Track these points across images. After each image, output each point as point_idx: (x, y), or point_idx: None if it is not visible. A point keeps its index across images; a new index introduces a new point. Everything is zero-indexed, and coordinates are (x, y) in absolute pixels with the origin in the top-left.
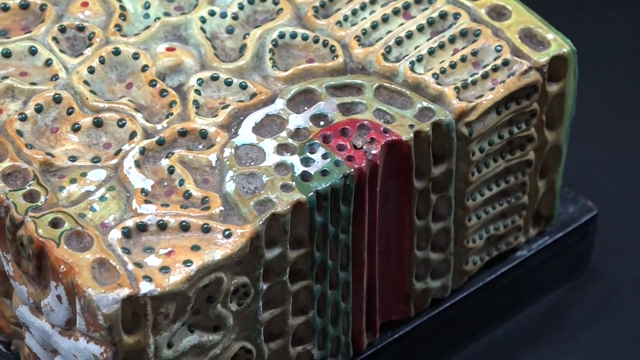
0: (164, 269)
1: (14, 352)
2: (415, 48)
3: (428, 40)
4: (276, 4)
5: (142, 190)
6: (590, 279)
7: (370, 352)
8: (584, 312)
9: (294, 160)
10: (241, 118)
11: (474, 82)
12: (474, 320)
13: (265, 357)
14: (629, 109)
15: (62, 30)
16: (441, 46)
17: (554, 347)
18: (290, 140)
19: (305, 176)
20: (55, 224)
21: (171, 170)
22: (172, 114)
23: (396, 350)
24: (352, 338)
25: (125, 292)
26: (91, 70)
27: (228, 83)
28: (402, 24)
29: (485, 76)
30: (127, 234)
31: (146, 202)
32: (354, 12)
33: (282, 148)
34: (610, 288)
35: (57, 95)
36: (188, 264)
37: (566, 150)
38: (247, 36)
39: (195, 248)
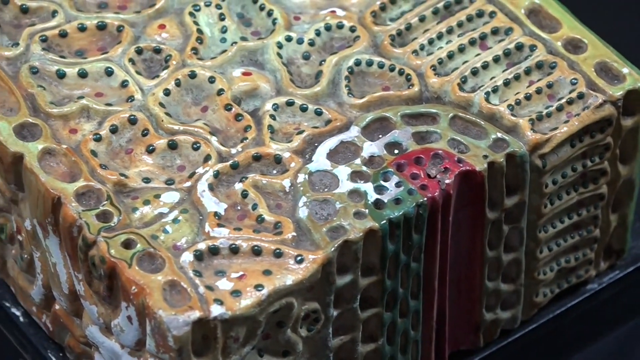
0: (235, 293)
1: None
2: (491, 79)
3: (504, 71)
4: (353, 31)
5: (215, 214)
6: None
7: None
8: None
9: (368, 187)
10: (316, 144)
11: (548, 115)
12: (543, 352)
13: None
14: None
15: (139, 51)
16: (517, 78)
17: None
18: (364, 168)
19: (378, 204)
20: (127, 244)
21: (245, 194)
22: (246, 138)
23: None
24: None
25: (196, 314)
26: (167, 93)
27: (303, 109)
28: (478, 55)
29: (560, 109)
30: (199, 256)
31: (219, 225)
32: (431, 42)
33: (355, 175)
34: None
35: (133, 117)
36: (259, 289)
37: (639, 185)
38: (323, 62)
39: (267, 273)
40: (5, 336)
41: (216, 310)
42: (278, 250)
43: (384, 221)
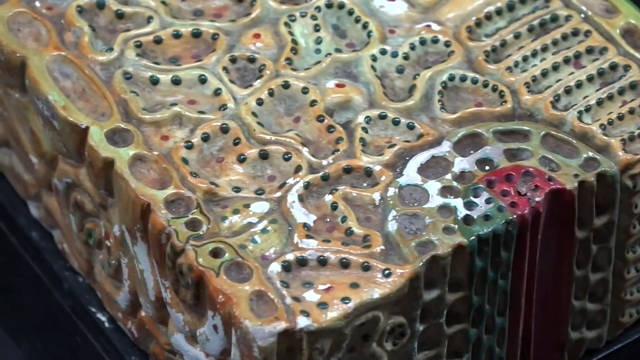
0: (322, 305)
1: None
2: (584, 98)
3: (597, 90)
4: (447, 46)
5: (304, 225)
6: None
7: None
8: None
9: (458, 203)
10: (407, 158)
11: None
12: None
13: None
14: None
15: (233, 60)
16: (610, 97)
17: None
18: (454, 183)
19: (467, 220)
20: (215, 253)
21: (334, 206)
22: (338, 150)
23: None
24: None
25: (282, 325)
26: (260, 102)
27: (396, 122)
28: (572, 73)
29: None
30: (287, 267)
31: (307, 237)
32: (525, 59)
33: (446, 190)
34: None
35: (225, 125)
36: (346, 301)
37: None
38: (417, 77)
39: (354, 286)
40: (90, 341)
41: (302, 322)
42: (366, 264)
43: (473, 237)
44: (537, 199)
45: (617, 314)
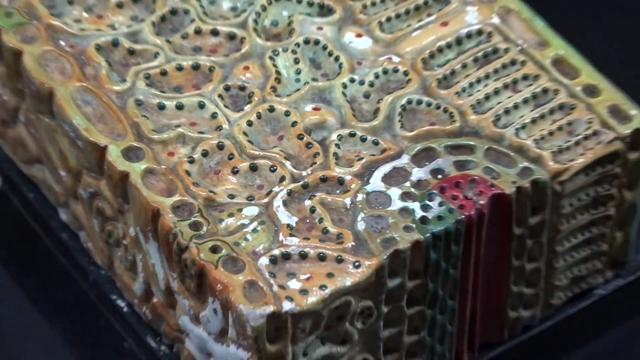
0: (303, 292)
1: (176, 353)
2: (520, 117)
3: (531, 111)
4: (406, 75)
5: (288, 225)
6: None
7: None
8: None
9: (415, 206)
10: (372, 169)
11: (567, 148)
12: (557, 345)
13: None
14: None
15: (227, 89)
16: (542, 117)
17: None
18: (412, 190)
19: (423, 220)
20: (214, 250)
21: (312, 210)
22: (315, 163)
23: None
24: (455, 355)
25: (270, 309)
26: (249, 124)
27: (363, 139)
28: (510, 97)
29: (577, 143)
30: (273, 261)
31: (290, 235)
32: (471, 85)
33: (405, 196)
34: None
35: (221, 143)
36: (323, 288)
37: None
38: (380, 101)
39: (330, 275)
40: (111, 323)
41: (287, 306)
42: (339, 257)
43: (428, 234)
44: (481, 202)
45: (548, 297)
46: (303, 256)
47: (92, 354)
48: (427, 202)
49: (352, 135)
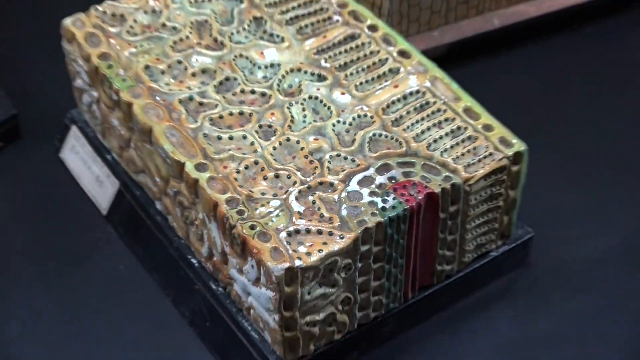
0: (308, 254)
1: (228, 292)
2: (443, 144)
3: (450, 140)
4: (372, 118)
5: (298, 212)
6: (526, 270)
7: (412, 301)
8: (523, 287)
9: (378, 200)
10: (351, 177)
11: (473, 163)
12: (467, 287)
13: (358, 301)
14: (563, 173)
15: (260, 127)
16: (457, 143)
17: (502, 309)
18: (376, 190)
19: (384, 209)
20: (252, 227)
21: (314, 202)
22: (315, 173)
23: (424, 300)
24: (403, 293)
25: (286, 265)
26: (274, 148)
27: (345, 158)
28: (437, 131)
29: (479, 160)
30: (289, 234)
31: (300, 218)
32: (412, 124)
33: (372, 194)
34: (535, 276)
35: (256, 161)
36: (320, 252)
37: (518, 201)
38: (356, 134)
39: (324, 243)
40: (188, 274)
41: (297, 263)
42: (330, 232)
43: (386, 218)
44: (419, 198)
45: (461, 257)
46: (307, 231)
47: (176, 293)
48: (386, 198)
49: (338, 155)
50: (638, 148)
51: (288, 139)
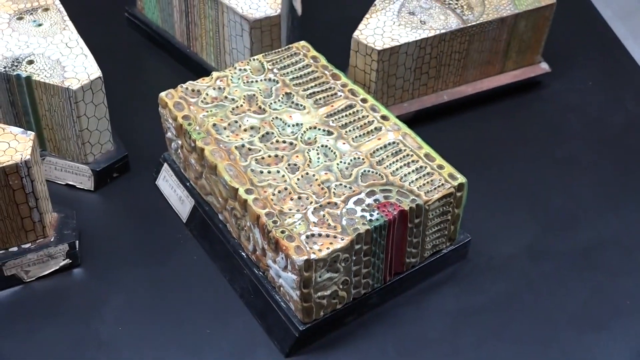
0: (320, 250)
1: (265, 275)
2: (411, 178)
3: (416, 175)
4: (363, 160)
5: (314, 222)
6: (466, 262)
7: (389, 283)
8: (464, 274)
9: (367, 214)
10: (350, 198)
11: (431, 190)
12: (425, 274)
13: (353, 282)
14: (490, 197)
15: (289, 165)
16: (420, 177)
17: (450, 288)
18: (366, 207)
19: (370, 221)
20: (282, 232)
21: (324, 216)
22: (325, 196)
23: (397, 282)
24: (383, 277)
25: (305, 257)
26: (298, 179)
27: (345, 186)
28: (407, 170)
29: (434, 188)
30: (307, 237)
31: (314, 226)
32: (391, 164)
33: (363, 210)
34: (472, 266)
35: (286, 188)
36: (328, 249)
37: (461, 216)
38: (352, 170)
39: (331, 243)
40: (239, 263)
41: (313, 256)
42: (335, 236)
43: (373, 227)
44: (395, 213)
45: (422, 253)
46: (319, 235)
47: (231, 276)
48: (372, 213)
49: (341, 184)
50: (539, 180)
51: (307, 173)
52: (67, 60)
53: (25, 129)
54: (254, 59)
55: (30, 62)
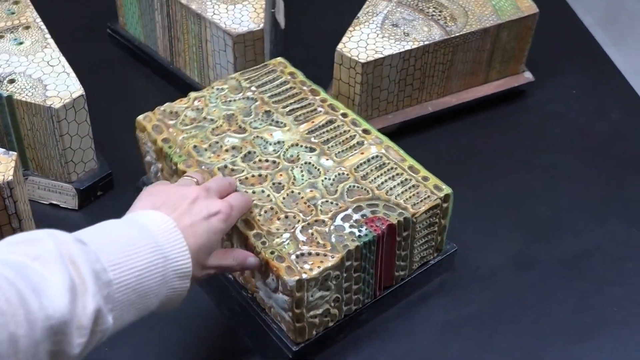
0: (311, 269)
1: (254, 297)
2: (397, 191)
3: (401, 188)
4: (347, 175)
5: (302, 241)
6: (453, 273)
7: (379, 297)
8: (451, 285)
9: (355, 230)
10: (337, 215)
11: (417, 203)
12: (414, 286)
13: (344, 299)
14: (476, 208)
15: (273, 184)
16: (405, 190)
17: (438, 300)
18: (354, 223)
19: (359, 236)
20: (272, 252)
21: (312, 234)
22: (312, 214)
23: (387, 296)
24: (373, 292)
25: (296, 278)
26: (283, 198)
27: (331, 202)
28: (392, 183)
29: (421, 201)
30: (297, 256)
31: (303, 245)
32: (375, 178)
33: (351, 226)
34: (459, 277)
35: (272, 207)
36: (319, 267)
37: (448, 227)
38: (338, 186)
39: (321, 262)
40: (226, 285)
41: (304, 276)
42: (325, 254)
43: (362, 242)
44: (383, 227)
45: (411, 265)
46: (309, 254)
47: (218, 298)
48: (360, 228)
49: (327, 201)
50: (524, 189)
51: (292, 192)
52: (49, 78)
53: (7, 148)
54: (231, 78)
55: (12, 81)
